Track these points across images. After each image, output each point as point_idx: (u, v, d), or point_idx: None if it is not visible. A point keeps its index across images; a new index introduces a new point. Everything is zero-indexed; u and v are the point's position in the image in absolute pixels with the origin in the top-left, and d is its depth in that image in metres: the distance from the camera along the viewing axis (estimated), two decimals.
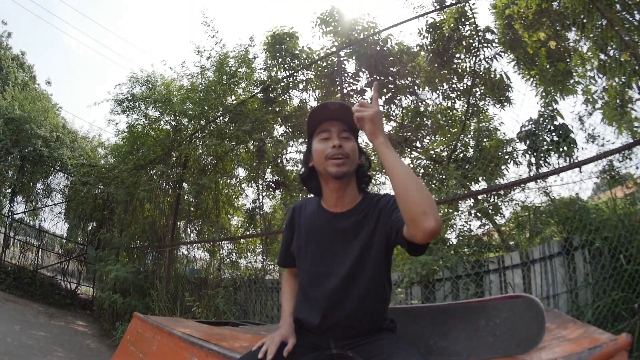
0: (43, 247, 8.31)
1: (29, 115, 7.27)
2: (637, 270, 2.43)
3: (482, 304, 1.31)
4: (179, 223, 5.61)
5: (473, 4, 4.31)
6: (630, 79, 3.95)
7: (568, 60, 4.52)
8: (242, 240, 5.20)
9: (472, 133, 4.76)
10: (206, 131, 5.03)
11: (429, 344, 1.34)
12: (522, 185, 3.62)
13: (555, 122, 4.04)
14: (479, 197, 4.22)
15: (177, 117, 5.54)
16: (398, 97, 4.68)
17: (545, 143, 4.03)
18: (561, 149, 3.94)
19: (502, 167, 4.41)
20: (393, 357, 0.96)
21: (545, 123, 4.10)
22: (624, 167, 4.12)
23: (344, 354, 1.05)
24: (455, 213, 4.14)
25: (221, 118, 5.00)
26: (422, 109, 4.74)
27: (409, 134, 4.44)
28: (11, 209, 7.98)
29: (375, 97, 1.07)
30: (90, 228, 8.16)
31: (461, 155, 4.42)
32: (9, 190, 7.91)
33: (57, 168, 7.94)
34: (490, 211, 4.37)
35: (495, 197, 4.35)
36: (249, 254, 5.19)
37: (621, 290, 2.44)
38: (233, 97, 5.12)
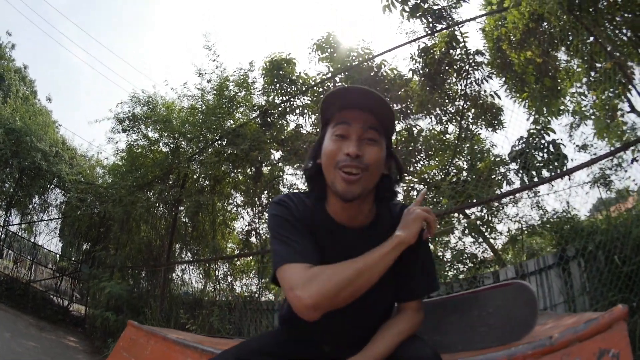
0: (37, 262, 8.23)
1: (29, 127, 7.26)
2: (633, 271, 2.45)
3: (474, 295, 1.27)
4: (175, 245, 5.60)
5: (461, 27, 4.47)
6: (620, 91, 4.03)
7: (556, 75, 4.61)
8: (237, 262, 5.20)
9: (465, 156, 4.83)
10: (204, 154, 5.09)
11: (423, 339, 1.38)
12: (513, 195, 3.65)
13: (545, 139, 4.09)
14: (467, 211, 4.25)
15: (177, 139, 5.62)
16: None
17: (536, 161, 4.08)
18: (551, 166, 3.99)
19: (495, 189, 4.47)
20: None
21: (535, 141, 4.15)
22: (615, 175, 4.18)
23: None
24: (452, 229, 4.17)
25: (219, 141, 5.08)
26: (415, 133, 4.85)
27: (403, 157, 4.54)
28: (7, 219, 7.92)
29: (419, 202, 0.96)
30: (84, 248, 8.04)
31: (454, 179, 4.49)
32: (4, 203, 7.84)
33: (55, 183, 7.90)
34: (481, 228, 4.38)
35: (486, 211, 4.36)
36: (244, 277, 5.18)
37: (618, 291, 2.44)
38: (232, 121, 5.22)
